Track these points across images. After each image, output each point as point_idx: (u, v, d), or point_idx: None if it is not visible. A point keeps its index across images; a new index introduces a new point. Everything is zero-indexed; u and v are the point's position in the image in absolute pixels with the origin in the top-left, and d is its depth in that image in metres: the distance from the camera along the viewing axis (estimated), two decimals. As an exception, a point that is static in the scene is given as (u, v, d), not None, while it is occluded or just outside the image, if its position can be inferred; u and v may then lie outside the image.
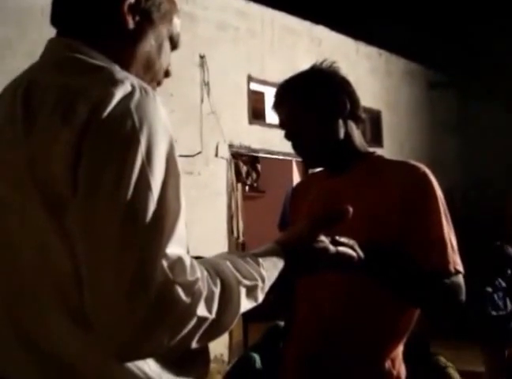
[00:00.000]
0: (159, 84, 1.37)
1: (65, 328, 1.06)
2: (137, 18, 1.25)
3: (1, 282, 1.15)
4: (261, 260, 1.17)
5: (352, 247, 1.39)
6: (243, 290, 1.09)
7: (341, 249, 1.35)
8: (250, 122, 6.36)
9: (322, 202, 1.91)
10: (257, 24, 6.57)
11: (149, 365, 1.09)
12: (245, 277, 1.10)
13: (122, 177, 0.98)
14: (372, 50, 8.12)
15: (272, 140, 6.50)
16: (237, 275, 1.09)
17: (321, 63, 1.96)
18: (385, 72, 8.25)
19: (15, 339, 1.11)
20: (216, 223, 5.92)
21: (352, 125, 1.94)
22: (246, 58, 6.40)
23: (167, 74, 1.38)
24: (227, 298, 1.06)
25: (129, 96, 1.03)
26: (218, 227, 5.96)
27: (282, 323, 4.12)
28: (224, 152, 6.02)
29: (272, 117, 6.60)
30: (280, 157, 6.75)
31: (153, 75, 1.32)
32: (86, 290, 0.99)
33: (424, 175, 1.79)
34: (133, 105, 1.02)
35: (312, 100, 1.90)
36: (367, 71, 7.83)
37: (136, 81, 1.08)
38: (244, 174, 8.44)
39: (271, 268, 1.18)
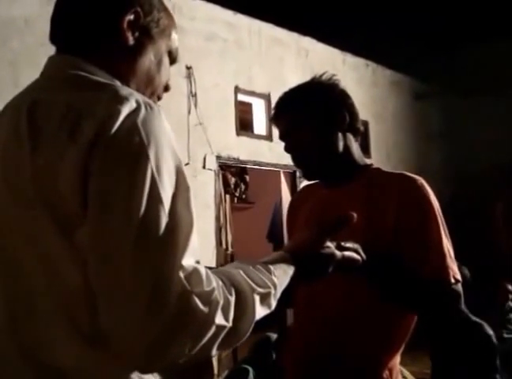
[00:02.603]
0: (159, 98, 1.38)
1: (70, 344, 1.07)
2: (137, 34, 1.27)
3: (5, 300, 1.15)
4: (272, 267, 1.20)
5: (356, 251, 1.45)
6: (257, 298, 1.12)
7: (347, 253, 1.41)
8: (238, 134, 6.35)
9: (321, 214, 1.90)
10: (244, 35, 6.57)
11: None
12: (258, 285, 1.13)
13: (134, 193, 1.00)
14: (359, 61, 8.15)
15: (260, 151, 6.49)
16: (250, 283, 1.12)
17: (321, 76, 1.97)
18: (371, 82, 8.28)
19: (19, 357, 1.11)
20: (204, 234, 5.88)
21: (351, 138, 1.95)
22: (234, 69, 6.39)
23: (166, 88, 1.40)
24: (243, 306, 1.09)
25: (134, 113, 1.05)
26: (206, 239, 5.92)
27: (273, 334, 4.12)
28: (212, 164, 6.00)
29: (260, 128, 6.60)
30: (269, 168, 6.74)
31: (153, 90, 1.34)
32: (103, 307, 1.01)
33: (422, 187, 1.81)
34: (139, 121, 1.04)
35: (312, 113, 1.91)
36: (354, 82, 7.85)
37: (140, 97, 1.09)
38: (232, 186, 8.45)
39: (282, 275, 1.21)
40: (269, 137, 6.62)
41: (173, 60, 1.40)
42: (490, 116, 8.59)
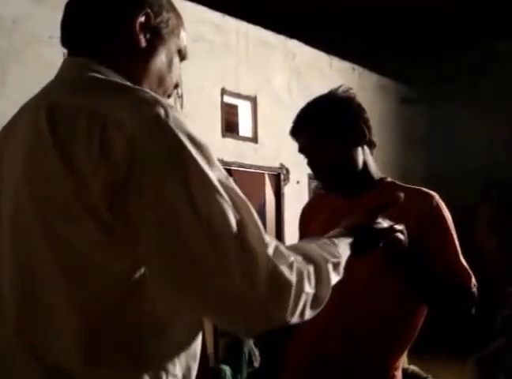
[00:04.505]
0: (169, 96, 1.41)
1: (77, 347, 1.08)
2: (148, 36, 1.28)
3: (15, 300, 1.15)
4: (336, 240, 1.35)
5: (401, 231, 1.63)
6: (330, 267, 1.24)
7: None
8: (224, 135, 6.35)
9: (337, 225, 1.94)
10: (232, 37, 6.57)
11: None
12: (330, 255, 1.26)
13: (191, 193, 1.02)
14: (345, 65, 8.16)
15: (245, 153, 6.49)
16: (323, 254, 1.24)
17: (337, 89, 2.01)
18: (358, 86, 8.28)
19: (26, 357, 1.12)
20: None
21: (367, 152, 2.02)
22: (221, 71, 6.40)
23: (176, 86, 1.42)
24: (320, 274, 1.19)
25: (164, 117, 1.06)
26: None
27: None
28: (197, 165, 5.97)
29: (245, 130, 6.59)
30: (253, 170, 6.74)
31: (165, 90, 1.36)
32: (198, 301, 1.07)
33: (438, 203, 1.91)
34: (172, 124, 1.05)
35: (333, 129, 1.94)
36: (341, 85, 7.85)
37: (163, 100, 1.10)
38: (217, 187, 8.40)
39: (344, 247, 1.36)
40: (254, 139, 6.63)
41: (183, 57, 1.42)
42: (475, 121, 8.62)
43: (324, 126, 1.94)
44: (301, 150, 2.02)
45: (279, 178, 6.96)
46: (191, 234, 1.02)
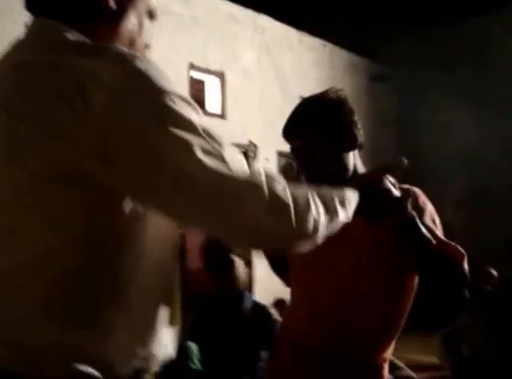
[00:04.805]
0: None
1: (39, 322, 1.08)
2: None
3: None
4: (343, 189, 1.38)
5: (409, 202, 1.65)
6: (337, 201, 1.29)
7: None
8: (191, 111, 6.24)
9: None
10: (200, 11, 6.45)
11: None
12: (336, 195, 1.31)
13: (182, 138, 1.05)
14: (316, 42, 8.09)
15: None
16: (327, 191, 1.29)
17: (328, 91, 2.03)
18: (328, 64, 8.24)
19: None
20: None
21: (356, 153, 2.01)
22: (188, 46, 6.29)
23: (146, 47, 1.41)
24: (326, 203, 1.25)
25: (144, 70, 1.07)
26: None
27: (204, 311, 4.17)
28: (164, 142, 5.90)
29: (212, 106, 6.50)
30: (221, 147, 6.69)
31: (136, 52, 1.30)
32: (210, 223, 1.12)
33: (423, 200, 1.92)
34: (152, 77, 1.07)
35: (325, 135, 1.92)
36: (311, 62, 7.80)
37: (141, 56, 1.11)
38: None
39: (350, 199, 1.38)
40: (222, 116, 6.55)
41: (152, 18, 1.39)
42: (447, 101, 8.64)
43: (316, 131, 1.92)
44: (292, 151, 2.01)
45: (247, 155, 6.90)
46: (189, 173, 1.05)
